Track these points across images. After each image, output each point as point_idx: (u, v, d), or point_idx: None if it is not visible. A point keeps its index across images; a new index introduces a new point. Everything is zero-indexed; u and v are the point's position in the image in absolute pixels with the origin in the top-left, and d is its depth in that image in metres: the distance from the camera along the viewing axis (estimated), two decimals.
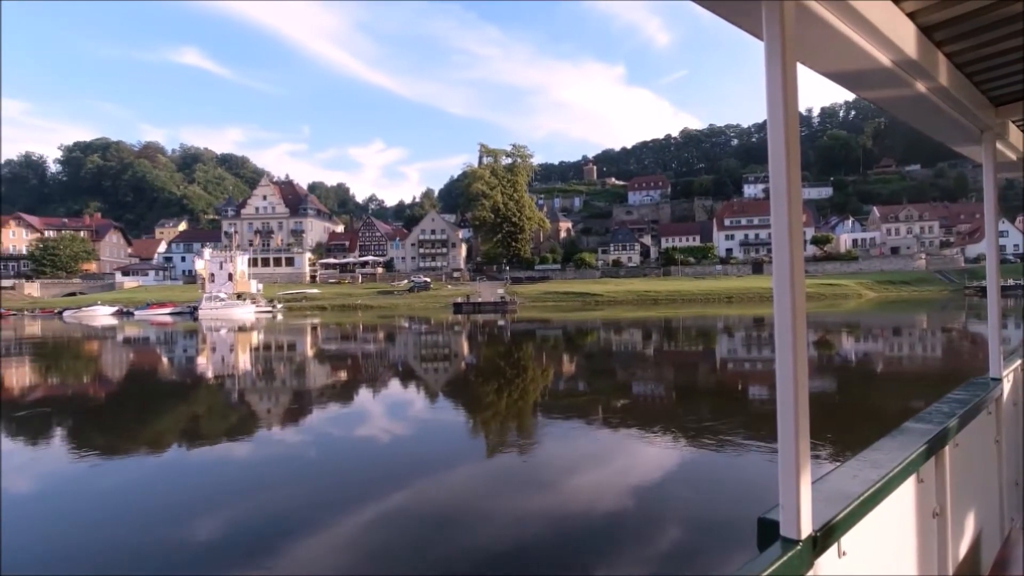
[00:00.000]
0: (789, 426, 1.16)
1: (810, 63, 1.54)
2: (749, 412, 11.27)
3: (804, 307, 1.16)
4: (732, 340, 27.04)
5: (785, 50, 1.14)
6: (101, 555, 5.40)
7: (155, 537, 5.66)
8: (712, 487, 6.91)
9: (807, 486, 1.17)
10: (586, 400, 13.02)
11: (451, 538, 5.50)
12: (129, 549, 5.44)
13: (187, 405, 13.58)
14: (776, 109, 1.15)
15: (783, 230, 1.16)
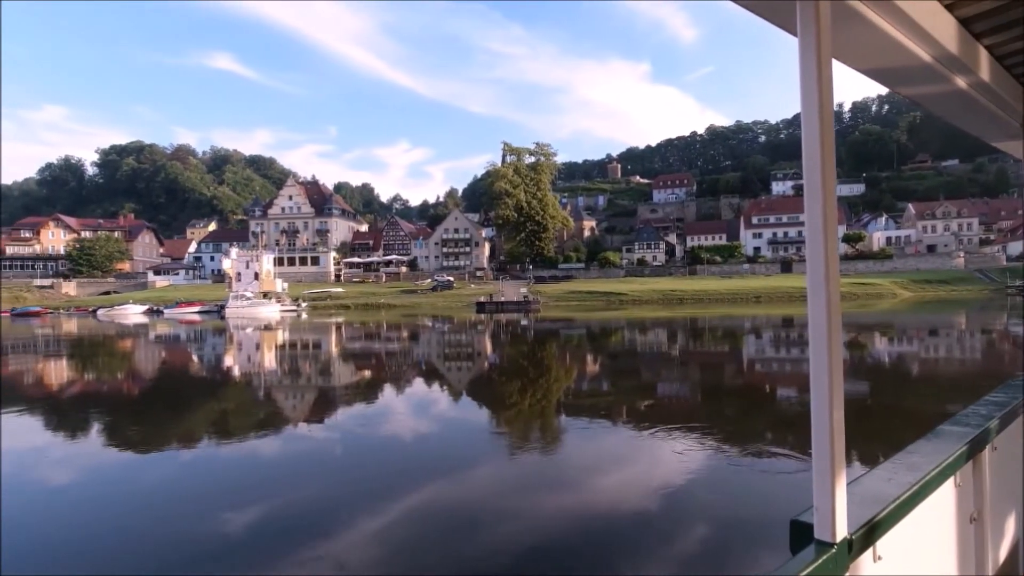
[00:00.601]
0: (824, 427, 1.14)
1: (846, 60, 1.49)
2: (776, 414, 11.02)
3: (839, 306, 1.15)
4: (760, 340, 26.36)
5: (820, 47, 1.13)
6: (137, 543, 5.48)
7: (187, 528, 5.76)
8: (739, 488, 6.76)
9: (842, 488, 1.16)
10: (610, 400, 12.83)
11: (476, 534, 5.51)
12: (163, 539, 5.55)
13: (216, 401, 13.75)
14: (811, 106, 1.14)
15: (817, 228, 1.14)
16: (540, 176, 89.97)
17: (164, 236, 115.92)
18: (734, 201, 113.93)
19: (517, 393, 13.81)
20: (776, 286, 66.46)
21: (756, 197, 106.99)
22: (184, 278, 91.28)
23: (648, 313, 46.48)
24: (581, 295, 67.32)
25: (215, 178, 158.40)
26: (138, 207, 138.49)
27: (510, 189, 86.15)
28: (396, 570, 4.89)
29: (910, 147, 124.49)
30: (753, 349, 22.83)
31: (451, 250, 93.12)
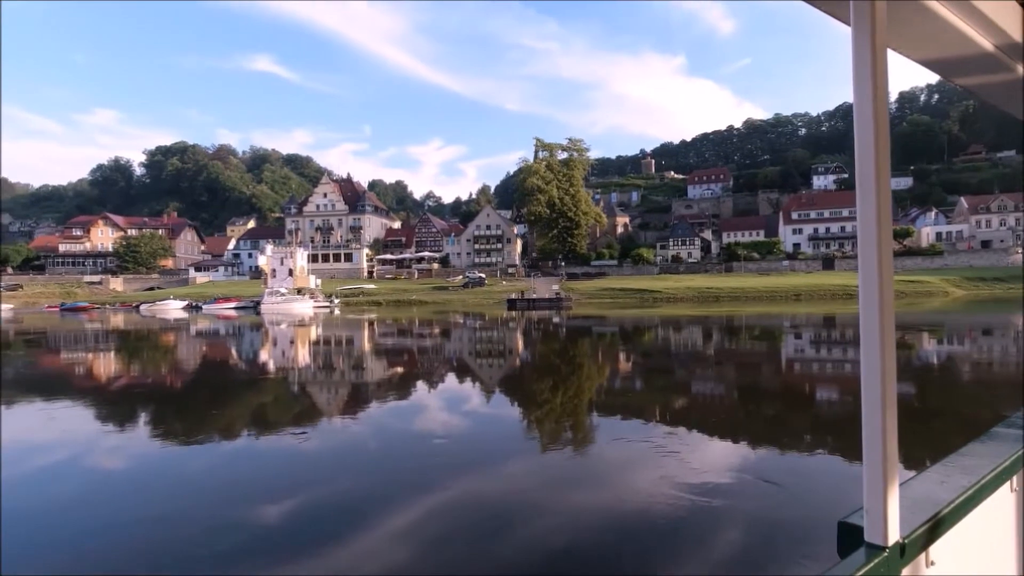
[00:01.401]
0: (876, 425, 1.12)
1: (902, 50, 1.44)
2: (817, 415, 10.61)
3: (892, 301, 1.13)
4: (800, 340, 25.33)
5: (875, 37, 1.09)
6: (184, 529, 5.64)
7: (229, 516, 5.96)
8: (778, 489, 6.53)
9: (895, 490, 1.14)
10: (643, 399, 12.49)
11: (509, 530, 5.41)
12: (208, 526, 5.73)
13: (254, 395, 13.87)
14: (864, 98, 1.11)
15: (871, 224, 1.10)
16: (572, 172, 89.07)
17: (205, 234, 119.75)
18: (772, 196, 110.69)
19: (548, 391, 13.52)
20: (817, 283, 64.17)
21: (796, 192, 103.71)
22: (223, 274, 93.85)
23: (683, 311, 45.43)
24: (614, 292, 66.39)
25: (254, 177, 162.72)
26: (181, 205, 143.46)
27: (542, 185, 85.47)
28: (428, 565, 4.84)
29: (962, 138, 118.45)
30: (792, 348, 21.93)
31: (483, 247, 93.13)
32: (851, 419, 9.65)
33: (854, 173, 1.11)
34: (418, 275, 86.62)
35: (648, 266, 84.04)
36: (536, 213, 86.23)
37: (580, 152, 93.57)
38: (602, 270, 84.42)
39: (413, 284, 79.53)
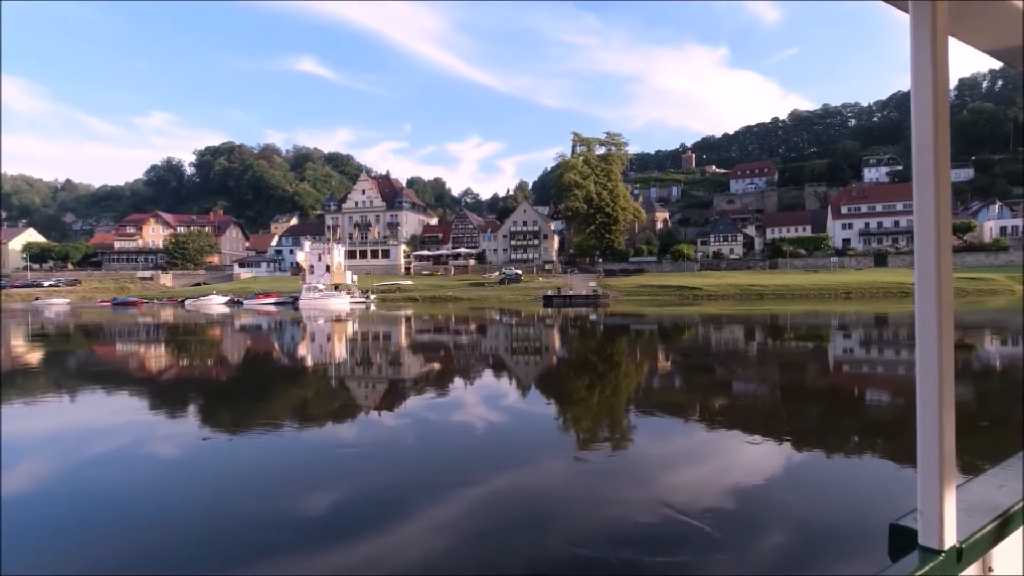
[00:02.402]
0: (932, 426, 1.09)
1: (965, 37, 1.38)
2: (866, 417, 10.20)
3: (952, 299, 1.10)
4: (849, 339, 24.18)
5: (936, 24, 1.06)
6: (231, 518, 5.83)
7: (275, 505, 6.10)
8: (823, 491, 6.41)
9: (951, 492, 1.10)
10: (682, 398, 12.22)
11: (546, 527, 5.42)
12: (256, 514, 5.90)
13: (296, 388, 14.20)
14: (923, 88, 1.07)
15: (929, 218, 1.06)
16: (611, 167, 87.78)
17: (250, 231, 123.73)
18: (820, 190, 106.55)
19: (585, 388, 13.33)
20: (869, 281, 61.35)
21: (846, 185, 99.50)
22: (266, 270, 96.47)
23: (724, 309, 44.16)
24: (652, 289, 65.21)
25: (297, 175, 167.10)
26: (228, 204, 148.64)
27: (580, 180, 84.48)
28: (466, 556, 4.89)
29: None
30: (841, 349, 20.94)
31: (519, 243, 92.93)
32: (900, 422, 9.29)
33: (910, 164, 1.07)
34: (454, 271, 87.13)
35: (688, 262, 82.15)
36: (573, 209, 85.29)
37: (618, 146, 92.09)
38: (640, 266, 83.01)
39: (449, 280, 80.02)
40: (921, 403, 1.10)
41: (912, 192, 1.07)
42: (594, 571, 4.66)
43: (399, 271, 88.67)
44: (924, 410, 1.10)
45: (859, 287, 59.00)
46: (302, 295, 60.18)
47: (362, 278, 76.79)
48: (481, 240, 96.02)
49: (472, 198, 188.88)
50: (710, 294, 60.04)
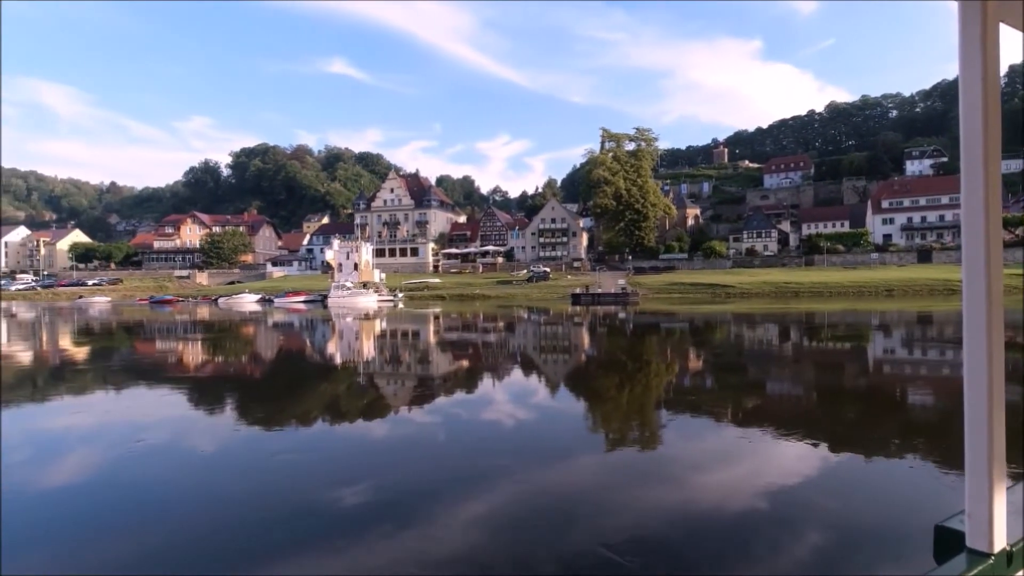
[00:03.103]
0: (981, 425, 1.07)
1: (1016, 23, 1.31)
2: (907, 418, 9.87)
3: (1001, 295, 1.07)
4: (890, 339, 23.24)
5: (986, 10, 1.03)
6: (267, 508, 5.97)
7: (308, 498, 6.22)
8: (861, 492, 6.20)
9: (1001, 494, 1.08)
10: (714, 397, 11.97)
11: (577, 524, 5.39)
12: (290, 506, 6.01)
13: (326, 385, 14.43)
14: (972, 76, 1.04)
15: (977, 211, 1.03)
16: (640, 162, 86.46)
17: (283, 230, 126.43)
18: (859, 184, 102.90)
19: (615, 387, 13.14)
20: (911, 278, 59.00)
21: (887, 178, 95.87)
22: (297, 269, 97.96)
23: (758, 307, 43.06)
24: (683, 287, 64.02)
25: (328, 175, 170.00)
26: (262, 204, 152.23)
27: (608, 177, 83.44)
28: (498, 550, 4.89)
29: None
30: (881, 348, 20.13)
31: (548, 240, 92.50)
32: (942, 423, 8.98)
33: (956, 156, 1.04)
34: (483, 269, 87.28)
35: (720, 260, 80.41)
36: (602, 205, 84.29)
37: (648, 142, 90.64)
38: (671, 264, 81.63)
39: (477, 278, 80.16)
40: (969, 403, 1.08)
41: (960, 185, 1.04)
42: (625, 570, 4.59)
43: (427, 269, 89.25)
44: (972, 410, 1.08)
45: (901, 284, 56.75)
46: (331, 293, 60.80)
47: (390, 276, 77.47)
48: (509, 238, 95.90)
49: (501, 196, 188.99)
50: (743, 292, 58.62)
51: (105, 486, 6.70)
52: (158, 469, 7.32)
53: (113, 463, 7.66)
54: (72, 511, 5.91)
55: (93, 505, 6.07)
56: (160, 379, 15.37)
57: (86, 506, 6.04)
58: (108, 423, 10.00)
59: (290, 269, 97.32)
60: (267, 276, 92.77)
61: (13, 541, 5.14)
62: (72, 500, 6.24)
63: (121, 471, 7.29)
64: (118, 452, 8.15)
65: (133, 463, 7.60)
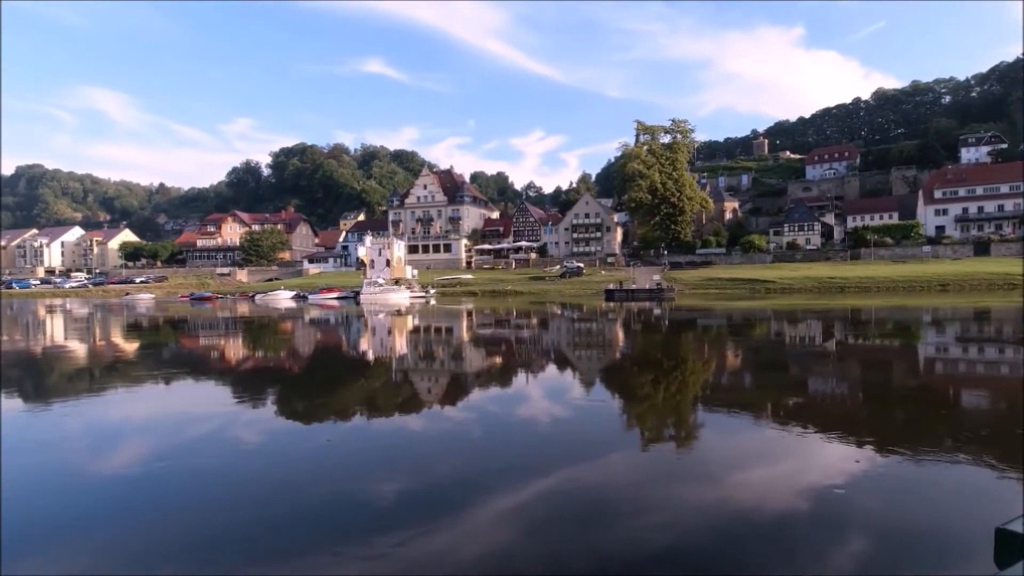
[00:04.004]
0: None
1: None
2: (960, 419, 9.30)
3: None
4: (943, 336, 22.11)
5: None
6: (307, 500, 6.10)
7: (346, 491, 6.36)
8: (910, 495, 5.95)
9: None
10: (753, 395, 11.66)
11: (611, 522, 5.37)
12: (329, 499, 6.14)
13: (363, 380, 14.69)
14: None
15: None
16: (676, 155, 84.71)
17: (320, 228, 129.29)
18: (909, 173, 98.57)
19: (650, 384, 12.93)
20: (968, 272, 56.15)
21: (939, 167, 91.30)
22: (332, 266, 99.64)
23: (800, 303, 41.73)
24: (721, 282, 62.60)
25: (364, 173, 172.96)
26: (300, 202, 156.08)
27: (643, 170, 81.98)
28: (531, 547, 4.88)
29: None
30: (933, 346, 19.19)
31: (581, 235, 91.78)
32: (1002, 424, 8.61)
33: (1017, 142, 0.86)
34: (515, 265, 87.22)
35: (760, 254, 78.27)
36: (637, 199, 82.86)
37: (684, 134, 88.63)
38: (708, 259, 79.93)
39: (510, 274, 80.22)
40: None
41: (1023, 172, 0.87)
42: (662, 569, 4.53)
43: (460, 265, 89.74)
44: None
45: (957, 279, 54.08)
46: (363, 290, 61.24)
47: (422, 272, 78.14)
48: (542, 233, 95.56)
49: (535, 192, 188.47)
50: (784, 287, 56.88)
51: (160, 474, 7.02)
52: (207, 459, 7.63)
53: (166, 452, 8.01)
54: (129, 496, 6.23)
55: (148, 491, 6.38)
56: (205, 373, 16.00)
57: (141, 492, 6.36)
58: (160, 414, 10.45)
59: (326, 266, 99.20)
60: (303, 273, 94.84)
61: (77, 523, 5.49)
62: (129, 486, 6.58)
63: (174, 460, 7.63)
64: (170, 442, 8.51)
65: (184, 452, 7.96)
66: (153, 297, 75.05)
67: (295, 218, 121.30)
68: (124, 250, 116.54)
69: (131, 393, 12.76)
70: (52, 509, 5.87)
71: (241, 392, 12.90)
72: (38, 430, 9.30)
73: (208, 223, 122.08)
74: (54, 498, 6.19)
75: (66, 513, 5.79)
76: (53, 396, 12.30)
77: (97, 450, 8.09)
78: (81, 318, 39.79)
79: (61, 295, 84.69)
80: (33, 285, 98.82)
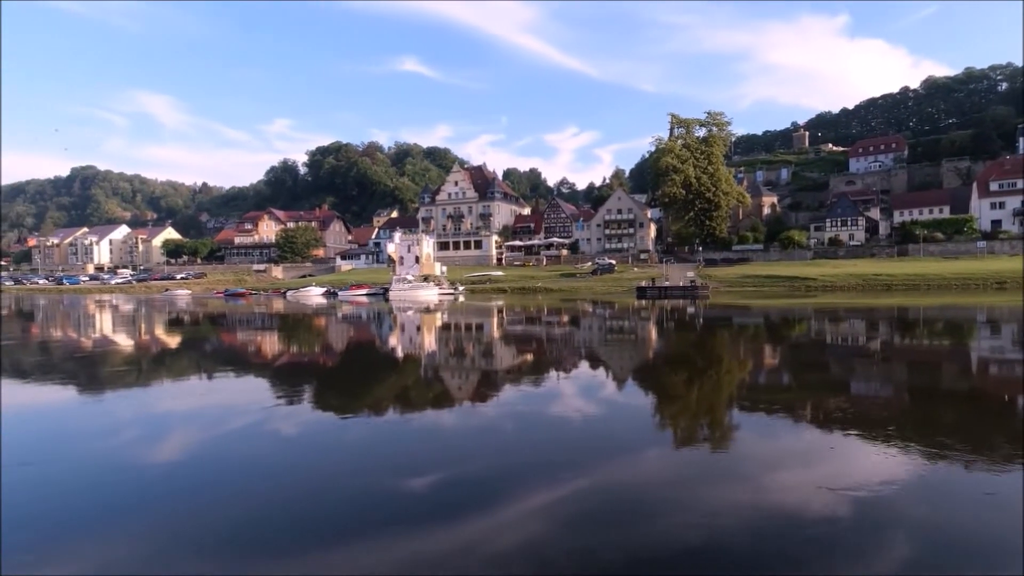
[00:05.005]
0: None
1: None
2: (1015, 425, 8.80)
3: None
4: (999, 338, 20.94)
5: None
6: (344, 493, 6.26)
7: (379, 484, 6.51)
8: (960, 503, 5.70)
9: None
10: (791, 396, 11.29)
11: (644, 521, 5.33)
12: (365, 491, 6.30)
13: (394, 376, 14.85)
14: None
15: None
16: (712, 149, 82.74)
17: (354, 225, 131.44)
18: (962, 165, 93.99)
19: (683, 383, 12.70)
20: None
21: (995, 157, 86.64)
22: (364, 262, 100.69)
23: (842, 301, 40.31)
24: (758, 280, 60.96)
25: (397, 170, 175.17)
26: (336, 200, 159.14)
27: (677, 164, 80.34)
28: (562, 544, 4.88)
29: None
30: (988, 347, 18.24)
31: (614, 232, 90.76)
32: None
33: None
34: (546, 261, 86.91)
35: (800, 250, 75.89)
36: (670, 194, 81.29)
37: (720, 126, 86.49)
38: (745, 255, 77.99)
39: (541, 271, 79.95)
40: None
41: None
42: (697, 569, 4.47)
43: (491, 262, 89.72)
44: None
45: (1015, 276, 51.22)
46: (392, 286, 61.59)
47: (452, 269, 78.21)
48: (574, 229, 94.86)
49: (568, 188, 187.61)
50: (826, 285, 54.99)
51: (204, 462, 7.34)
52: (248, 449, 7.94)
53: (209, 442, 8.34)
54: (175, 483, 6.52)
55: (192, 479, 6.67)
56: (243, 367, 16.52)
57: (187, 479, 6.66)
58: (203, 406, 10.87)
59: (358, 262, 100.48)
60: (336, 269, 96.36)
61: (128, 507, 5.80)
62: (175, 474, 6.89)
63: (217, 450, 7.95)
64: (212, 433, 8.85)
65: (227, 443, 8.30)
66: (190, 293, 77.51)
67: (328, 215, 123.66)
68: (166, 247, 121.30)
69: (176, 386, 13.29)
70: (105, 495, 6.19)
71: (278, 386, 13.26)
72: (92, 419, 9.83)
73: (245, 221, 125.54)
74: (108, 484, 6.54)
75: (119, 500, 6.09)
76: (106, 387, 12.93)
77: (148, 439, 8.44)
78: (127, 313, 41.52)
79: (107, 291, 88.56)
80: (82, 281, 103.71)
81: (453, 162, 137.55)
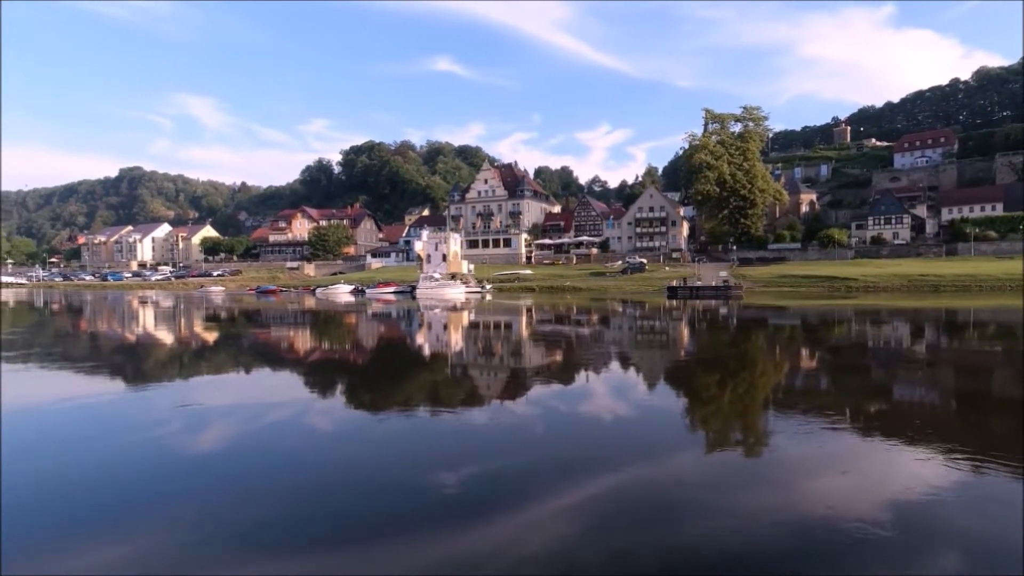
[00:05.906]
0: None
1: None
2: None
3: None
4: None
5: None
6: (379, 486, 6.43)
7: (411, 479, 6.58)
8: (1009, 514, 5.43)
9: None
10: (829, 400, 10.96)
11: (675, 524, 5.27)
12: (395, 486, 6.41)
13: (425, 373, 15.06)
14: None
15: None
16: (747, 145, 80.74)
17: (386, 223, 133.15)
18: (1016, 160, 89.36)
19: (715, 386, 12.46)
20: None
21: None
22: (394, 260, 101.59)
23: (885, 302, 38.83)
24: (795, 280, 59.25)
25: (429, 169, 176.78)
26: (368, 198, 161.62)
27: (711, 161, 78.61)
28: (591, 544, 4.87)
29: None
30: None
31: (645, 230, 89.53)
32: None
33: None
34: (576, 260, 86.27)
35: (840, 249, 73.35)
36: (704, 192, 79.68)
37: (756, 122, 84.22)
38: (781, 254, 75.91)
39: (570, 270, 79.39)
40: None
41: None
42: (730, 571, 4.44)
43: (520, 260, 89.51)
44: None
45: None
46: (419, 284, 61.81)
47: (480, 267, 78.16)
48: (604, 228, 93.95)
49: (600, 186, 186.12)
50: (868, 285, 53.03)
51: (243, 454, 7.63)
52: (285, 442, 8.16)
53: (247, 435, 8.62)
54: (214, 474, 6.78)
55: (232, 471, 6.94)
56: (279, 363, 16.92)
57: (227, 471, 6.94)
58: (241, 400, 11.21)
59: (388, 260, 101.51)
60: (366, 267, 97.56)
61: (167, 496, 6.03)
62: (214, 465, 7.17)
63: (255, 443, 8.22)
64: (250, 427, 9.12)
65: (264, 436, 8.58)
66: (224, 290, 79.73)
67: (360, 213, 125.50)
68: (204, 245, 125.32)
69: (215, 380, 13.75)
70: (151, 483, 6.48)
71: (312, 382, 13.60)
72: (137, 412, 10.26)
73: (279, 219, 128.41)
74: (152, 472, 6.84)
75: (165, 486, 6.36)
76: (150, 380, 13.50)
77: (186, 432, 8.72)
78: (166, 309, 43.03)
79: (147, 287, 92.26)
80: (125, 278, 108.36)
81: (484, 160, 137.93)
